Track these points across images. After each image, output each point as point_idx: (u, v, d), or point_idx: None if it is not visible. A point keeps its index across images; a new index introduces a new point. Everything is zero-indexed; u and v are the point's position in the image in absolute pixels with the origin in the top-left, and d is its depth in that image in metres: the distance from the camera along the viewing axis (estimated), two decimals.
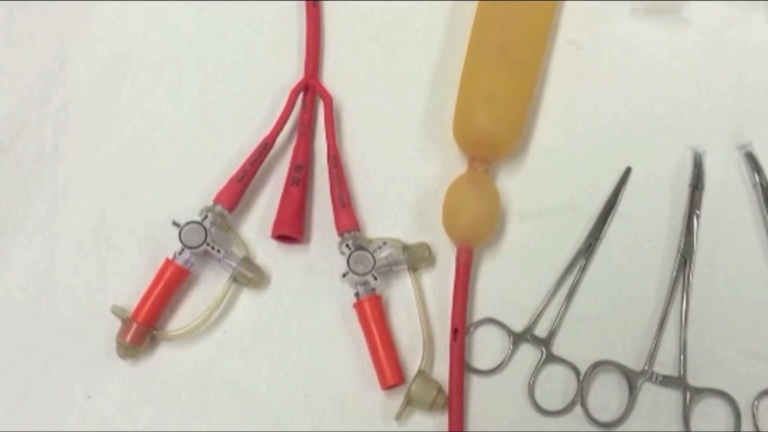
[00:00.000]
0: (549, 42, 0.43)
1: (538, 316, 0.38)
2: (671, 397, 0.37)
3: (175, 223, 0.38)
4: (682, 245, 0.38)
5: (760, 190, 0.38)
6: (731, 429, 0.36)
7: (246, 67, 0.44)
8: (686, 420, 0.36)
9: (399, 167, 0.42)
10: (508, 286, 0.39)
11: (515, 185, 0.41)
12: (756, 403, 0.36)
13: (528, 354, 0.38)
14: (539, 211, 0.40)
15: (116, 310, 0.38)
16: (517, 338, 0.38)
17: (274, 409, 0.38)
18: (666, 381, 0.37)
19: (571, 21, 0.44)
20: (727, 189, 0.40)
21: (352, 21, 0.45)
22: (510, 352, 0.38)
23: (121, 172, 0.42)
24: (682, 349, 0.37)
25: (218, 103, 0.43)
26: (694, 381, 0.37)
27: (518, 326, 0.38)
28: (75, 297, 0.40)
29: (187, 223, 0.39)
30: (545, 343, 0.38)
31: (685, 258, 0.38)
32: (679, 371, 0.37)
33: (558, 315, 0.38)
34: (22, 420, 0.38)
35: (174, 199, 0.41)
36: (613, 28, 0.43)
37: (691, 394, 0.37)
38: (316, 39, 0.43)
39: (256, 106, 0.43)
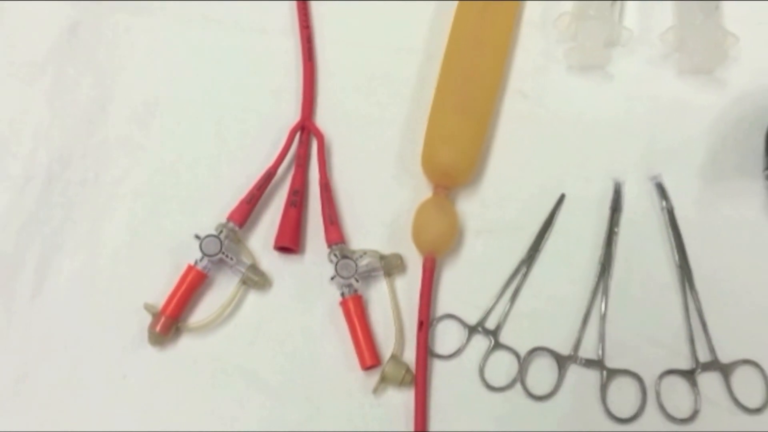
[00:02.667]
0: (501, 92, 0.50)
1: (489, 312, 0.46)
2: (592, 376, 0.44)
3: (197, 236, 0.46)
4: (603, 256, 0.46)
5: (666, 213, 0.46)
6: (639, 402, 0.43)
7: (253, 110, 0.51)
8: (603, 394, 0.43)
9: (377, 192, 0.48)
10: (464, 288, 0.46)
11: (472, 208, 0.48)
12: (659, 381, 0.43)
13: (479, 342, 0.45)
14: (491, 229, 0.48)
15: (148, 307, 0.45)
16: (471, 330, 0.45)
17: (274, 387, 0.45)
18: (588, 363, 0.44)
19: (519, 75, 0.51)
20: (640, 211, 0.47)
21: (342, 72, 0.52)
22: (465, 341, 0.45)
23: (150, 196, 0.49)
24: (601, 338, 0.44)
25: (230, 140, 0.50)
26: (610, 363, 0.44)
27: (472, 320, 0.45)
28: (114, 296, 0.47)
29: (206, 236, 0.45)
30: (494, 333, 0.45)
31: (605, 266, 0.46)
32: (599, 355, 0.44)
33: (504, 311, 0.45)
34: (71, 395, 0.45)
35: (194, 217, 0.47)
36: (552, 81, 0.51)
37: (607, 374, 0.44)
38: (311, 88, 0.51)
39: (262, 142, 0.49)
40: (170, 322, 0.45)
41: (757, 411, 0.42)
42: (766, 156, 0.45)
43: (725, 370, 0.43)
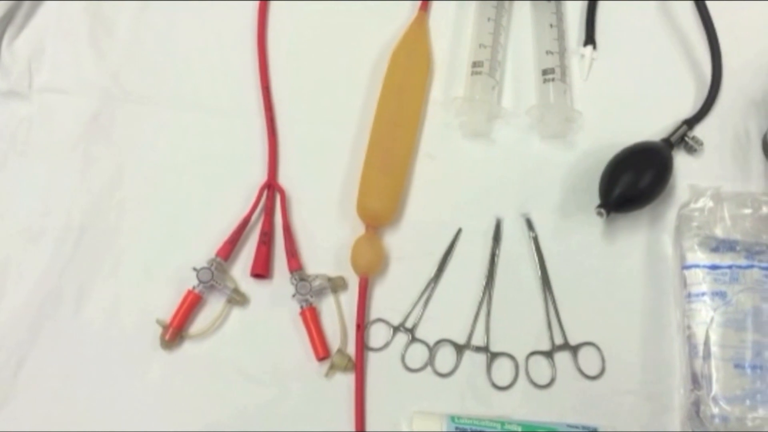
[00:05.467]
0: (414, 155, 0.63)
1: (407, 316, 0.58)
2: (480, 358, 0.57)
3: (194, 269, 0.57)
4: (488, 272, 0.59)
5: (533, 240, 0.61)
6: (513, 374, 0.57)
7: (231, 173, 0.62)
8: (488, 370, 0.57)
9: (326, 231, 0.61)
10: (390, 299, 0.59)
11: (395, 240, 0.61)
12: (527, 359, 0.57)
13: (401, 338, 0.58)
14: (408, 255, 0.60)
15: (159, 321, 0.57)
16: (395, 329, 0.58)
17: (255, 375, 0.57)
18: (478, 349, 0.57)
19: (427, 141, 0.64)
20: (515, 239, 0.60)
21: (297, 142, 0.64)
22: (391, 337, 0.58)
23: (158, 239, 0.60)
24: (487, 331, 0.58)
25: (216, 196, 0.62)
26: (493, 348, 0.57)
27: (396, 322, 0.58)
28: (133, 314, 0.58)
29: (201, 268, 0.57)
30: (411, 331, 0.58)
31: (489, 280, 0.59)
32: (485, 343, 0.58)
33: (419, 315, 0.58)
34: (105, 387, 0.57)
35: (191, 254, 0.59)
36: (451, 146, 0.63)
37: (491, 355, 0.57)
38: (274, 155, 0.63)
39: (239, 197, 0.61)
40: (176, 332, 0.57)
41: (595, 378, 0.58)
42: (599, 197, 0.61)
43: (573, 350, 0.58)
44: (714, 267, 0.59)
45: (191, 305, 0.59)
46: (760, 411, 0.54)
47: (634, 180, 0.61)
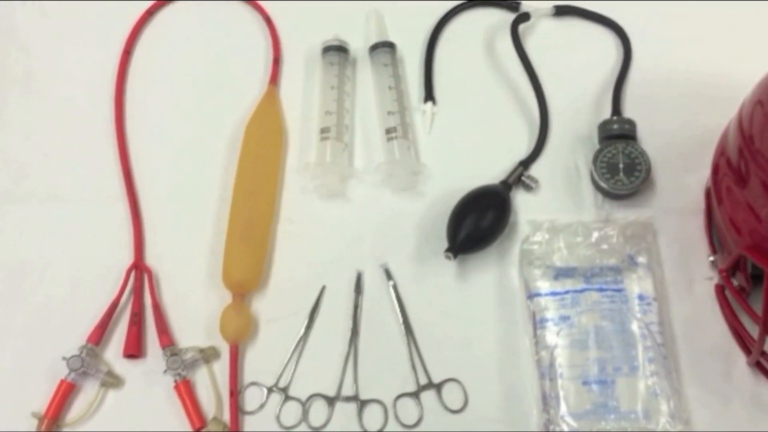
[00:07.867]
0: (275, 220, 0.67)
1: (280, 376, 0.62)
2: (351, 407, 0.60)
3: (64, 358, 0.60)
4: (353, 324, 0.63)
5: (392, 288, 0.65)
6: (383, 418, 0.61)
7: (98, 258, 0.66)
8: (360, 417, 0.60)
9: (196, 303, 0.64)
10: (262, 362, 0.62)
11: (263, 304, 0.64)
12: (395, 402, 0.61)
13: (276, 398, 0.61)
14: (277, 318, 0.64)
15: (35, 414, 0.59)
16: (269, 390, 0.61)
17: None
18: (348, 399, 0.60)
19: (286, 206, 0.68)
20: (375, 289, 0.64)
21: (161, 222, 0.68)
22: (265, 398, 0.61)
23: (29, 333, 0.63)
24: (355, 380, 0.61)
25: (84, 283, 0.65)
26: (363, 396, 0.60)
27: (269, 383, 0.61)
28: (8, 410, 0.61)
29: (71, 357, 0.60)
30: (284, 390, 0.61)
31: (354, 331, 0.63)
32: (354, 392, 0.61)
33: (291, 373, 0.62)
34: None
35: (62, 344, 0.61)
36: (309, 208, 0.68)
37: (361, 403, 0.60)
38: (140, 237, 0.67)
39: (107, 281, 0.65)
40: (51, 423, 0.60)
41: (459, 411, 0.61)
42: (447, 241, 0.66)
43: (437, 388, 0.62)
44: (554, 294, 0.64)
45: (65, 394, 0.61)
46: (602, 423, 0.59)
47: (476, 222, 0.66)
